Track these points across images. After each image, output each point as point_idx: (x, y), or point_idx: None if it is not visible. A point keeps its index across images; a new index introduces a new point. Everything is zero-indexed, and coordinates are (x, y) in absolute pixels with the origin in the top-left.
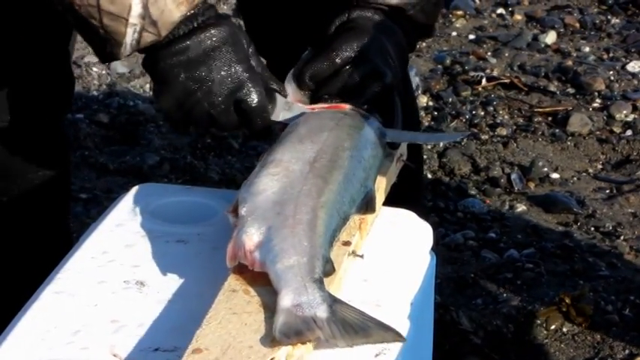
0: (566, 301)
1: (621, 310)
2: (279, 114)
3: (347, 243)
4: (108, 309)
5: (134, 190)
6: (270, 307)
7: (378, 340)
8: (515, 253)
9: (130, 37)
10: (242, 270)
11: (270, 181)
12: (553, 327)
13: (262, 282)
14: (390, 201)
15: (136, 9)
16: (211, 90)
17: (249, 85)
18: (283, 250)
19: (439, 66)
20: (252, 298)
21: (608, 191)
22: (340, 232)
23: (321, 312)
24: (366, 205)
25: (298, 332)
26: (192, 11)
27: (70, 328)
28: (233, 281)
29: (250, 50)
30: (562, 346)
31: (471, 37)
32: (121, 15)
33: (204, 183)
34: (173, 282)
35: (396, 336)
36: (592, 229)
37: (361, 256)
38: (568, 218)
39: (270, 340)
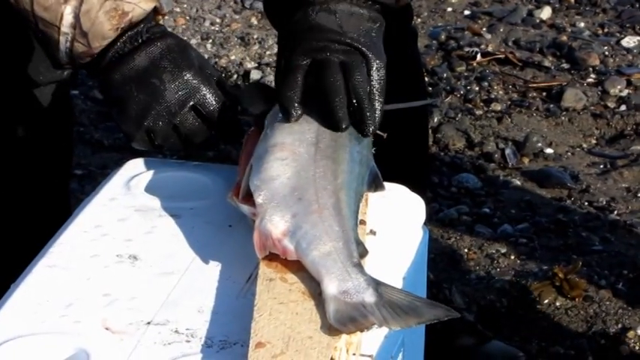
0: (560, 275)
1: (614, 284)
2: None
3: (362, 222)
4: (100, 283)
5: (127, 164)
6: (313, 295)
7: (430, 319)
8: (509, 227)
9: (62, 45)
10: (271, 257)
11: (280, 166)
12: (546, 301)
13: (295, 268)
14: (395, 175)
15: (68, 18)
16: (167, 99)
17: (204, 90)
18: (316, 237)
19: (434, 41)
20: (291, 286)
21: (602, 166)
22: (359, 212)
23: (369, 297)
24: (375, 183)
25: (352, 319)
26: (128, 26)
27: (63, 301)
28: (267, 269)
29: (200, 57)
30: (555, 320)
31: (466, 12)
32: (53, 23)
33: (198, 160)
34: (166, 256)
35: (447, 312)
36: (586, 203)
37: (374, 233)
38: (562, 193)
39: (328, 328)
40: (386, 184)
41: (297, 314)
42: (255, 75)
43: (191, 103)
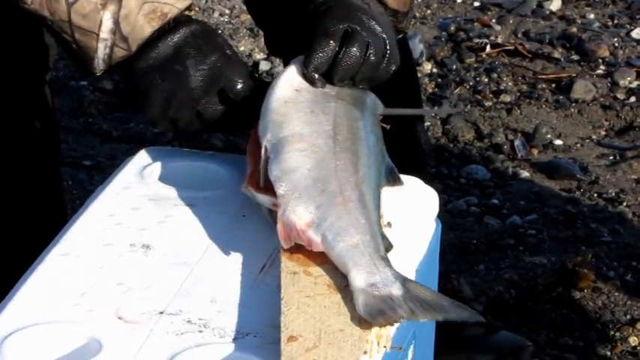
0: (569, 266)
1: (623, 275)
2: None
3: (381, 215)
4: (114, 272)
5: (141, 153)
6: (339, 288)
7: (456, 317)
8: (517, 219)
9: (101, 52)
10: (292, 250)
11: (300, 158)
12: (555, 293)
13: (318, 261)
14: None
15: (107, 24)
16: (190, 85)
17: (229, 73)
18: (343, 229)
19: (443, 33)
20: (316, 279)
21: (611, 157)
22: (380, 206)
23: (396, 290)
24: (393, 177)
25: (381, 312)
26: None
27: (76, 290)
28: (289, 263)
29: (225, 42)
30: (564, 311)
31: (476, 4)
32: (92, 30)
33: (207, 150)
34: (179, 246)
35: (472, 315)
36: (595, 195)
37: (390, 225)
38: (571, 184)
39: (358, 321)
40: (400, 176)
41: (325, 307)
42: (264, 66)
43: (216, 87)
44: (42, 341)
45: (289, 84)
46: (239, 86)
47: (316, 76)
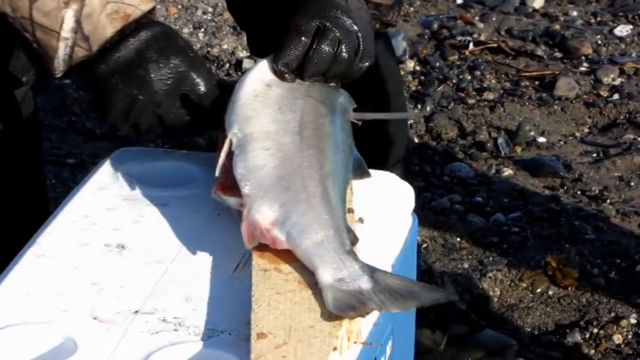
0: (552, 264)
1: (607, 273)
2: None
3: (350, 210)
4: (89, 272)
5: (116, 153)
6: (309, 284)
7: (429, 301)
8: (501, 216)
9: (62, 51)
10: (262, 248)
11: (265, 156)
12: (539, 290)
13: (288, 258)
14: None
15: (69, 23)
16: (153, 90)
17: (192, 75)
18: (307, 226)
19: (426, 30)
20: (287, 276)
21: (594, 155)
22: (346, 200)
23: (365, 283)
24: (360, 170)
25: (351, 306)
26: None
27: (51, 290)
28: (260, 260)
29: (187, 44)
30: (548, 309)
31: (459, 1)
32: (53, 28)
33: (191, 149)
34: (154, 245)
35: (446, 295)
36: (578, 192)
37: (362, 221)
38: (554, 182)
39: (327, 317)
40: (375, 171)
41: (295, 304)
42: (247, 64)
43: (179, 91)
44: (17, 341)
45: (260, 78)
46: (202, 89)
47: (286, 71)
